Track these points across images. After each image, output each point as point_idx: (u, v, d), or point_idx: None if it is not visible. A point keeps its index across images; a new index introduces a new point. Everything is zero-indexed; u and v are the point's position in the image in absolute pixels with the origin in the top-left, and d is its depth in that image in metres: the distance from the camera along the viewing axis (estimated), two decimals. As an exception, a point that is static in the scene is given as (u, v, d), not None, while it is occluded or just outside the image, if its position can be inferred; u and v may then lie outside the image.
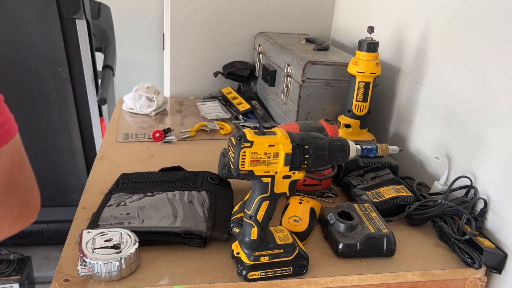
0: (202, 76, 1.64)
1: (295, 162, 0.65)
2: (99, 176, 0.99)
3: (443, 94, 1.01)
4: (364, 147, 0.86)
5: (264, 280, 0.70)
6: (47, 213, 2.20)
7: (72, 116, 2.04)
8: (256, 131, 0.65)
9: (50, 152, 2.10)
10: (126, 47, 2.74)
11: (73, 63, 1.93)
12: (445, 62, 1.00)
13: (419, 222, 0.87)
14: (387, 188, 0.91)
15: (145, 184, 0.91)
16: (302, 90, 1.17)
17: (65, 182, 2.21)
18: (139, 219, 0.78)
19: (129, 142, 1.20)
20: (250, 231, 0.68)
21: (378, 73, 1.07)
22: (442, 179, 0.96)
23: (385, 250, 0.77)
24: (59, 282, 0.66)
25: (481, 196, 0.88)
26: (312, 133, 0.68)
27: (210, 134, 1.29)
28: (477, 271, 0.77)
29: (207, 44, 1.60)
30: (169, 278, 0.69)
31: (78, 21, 1.83)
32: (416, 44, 1.11)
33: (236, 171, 0.64)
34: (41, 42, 1.87)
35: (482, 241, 0.80)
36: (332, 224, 0.79)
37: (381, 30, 1.25)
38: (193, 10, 1.54)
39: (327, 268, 0.74)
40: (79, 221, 0.82)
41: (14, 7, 1.78)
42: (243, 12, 1.58)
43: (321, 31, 1.67)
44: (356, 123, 1.12)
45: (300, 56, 1.19)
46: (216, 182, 0.93)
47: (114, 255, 0.66)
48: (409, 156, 1.14)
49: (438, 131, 1.03)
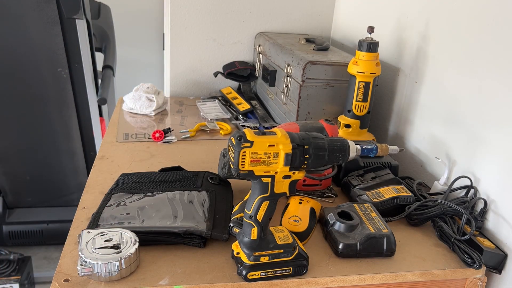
0: (202, 76, 1.64)
1: (295, 162, 0.65)
2: (99, 176, 0.99)
3: (443, 94, 1.01)
4: (364, 147, 0.86)
5: (264, 280, 0.70)
6: (47, 213, 2.20)
7: (72, 116, 2.04)
8: (256, 131, 0.65)
9: (50, 152, 2.10)
10: (126, 47, 2.75)
11: (73, 63, 1.93)
12: (445, 62, 1.00)
13: (419, 222, 0.87)
14: (387, 188, 0.91)
15: (145, 184, 0.91)
16: (302, 90, 1.17)
17: (65, 182, 2.21)
18: (139, 219, 0.78)
19: (129, 142, 1.20)
20: (250, 231, 0.68)
21: (378, 73, 1.07)
22: (442, 179, 0.96)
23: (385, 250, 0.77)
24: (59, 282, 0.66)
25: (481, 196, 0.88)
26: (312, 133, 0.68)
27: (210, 134, 1.29)
28: (477, 271, 0.77)
29: (207, 44, 1.60)
30: (169, 278, 0.69)
31: (78, 21, 1.83)
32: (416, 44, 1.11)
33: (236, 171, 0.64)
34: (41, 42, 1.87)
35: (482, 241, 0.80)
36: (332, 224, 0.79)
37: (381, 30, 1.25)
38: (193, 10, 1.54)
39: (327, 268, 0.74)
40: (79, 221, 0.82)
41: (14, 7, 1.79)
42: (243, 12, 1.58)
43: (321, 31, 1.67)
44: (356, 123, 1.12)
45: (300, 56, 1.19)
46: (216, 182, 0.93)
47: (114, 255, 0.66)
48: (409, 156, 1.14)
49: (438, 131, 1.03)
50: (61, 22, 1.84)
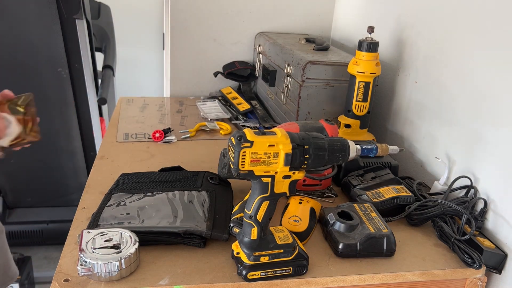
0: (202, 76, 1.64)
1: (295, 162, 0.65)
2: (99, 176, 0.99)
3: (443, 94, 1.01)
4: (364, 147, 0.86)
5: (264, 280, 0.70)
6: (47, 213, 2.20)
7: (72, 116, 2.04)
8: (256, 131, 0.65)
9: (50, 152, 2.10)
10: (126, 47, 2.75)
11: (73, 63, 1.93)
12: (445, 62, 1.00)
13: (419, 222, 0.87)
14: (387, 188, 0.91)
15: (145, 184, 0.91)
16: (302, 90, 1.17)
17: (65, 182, 2.21)
18: (139, 219, 0.78)
19: (129, 142, 1.20)
20: (250, 231, 0.68)
21: (378, 73, 1.07)
22: (442, 179, 0.96)
23: (385, 250, 0.77)
24: (59, 282, 0.66)
25: (481, 196, 0.88)
26: (312, 133, 0.68)
27: (210, 134, 1.29)
28: (477, 271, 0.77)
29: (207, 44, 1.60)
30: (169, 278, 0.69)
31: (78, 21, 1.83)
32: (416, 44, 1.11)
33: (236, 171, 0.64)
34: (41, 42, 1.87)
35: (482, 241, 0.80)
36: (332, 224, 0.79)
37: (381, 30, 1.25)
38: (193, 10, 1.54)
39: (327, 268, 0.74)
40: (79, 221, 0.82)
41: (14, 7, 1.78)
42: (243, 12, 1.58)
43: (321, 31, 1.67)
44: (356, 123, 1.12)
45: (300, 56, 1.19)
46: (216, 182, 0.93)
47: (114, 255, 0.66)
48: (409, 156, 1.14)
49: (438, 131, 1.03)
50: (61, 22, 1.83)
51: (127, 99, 1.56)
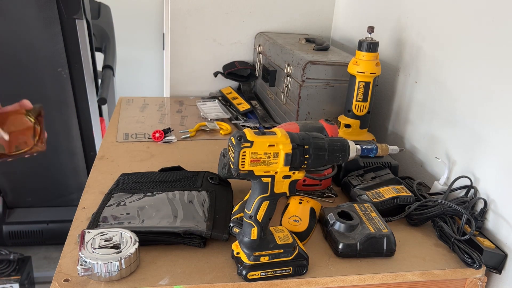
0: (202, 76, 1.64)
1: (295, 162, 0.65)
2: (99, 176, 0.99)
3: (443, 94, 1.01)
4: (364, 147, 0.86)
5: (264, 280, 0.70)
6: (47, 213, 2.20)
7: (72, 116, 2.03)
8: (256, 131, 0.65)
9: (50, 152, 2.10)
10: (126, 47, 2.74)
11: (73, 63, 1.92)
12: (445, 62, 1.00)
13: (419, 222, 0.87)
14: (387, 188, 0.91)
15: (145, 184, 0.91)
16: (302, 90, 1.17)
17: (65, 182, 2.21)
18: (139, 219, 0.78)
19: (129, 142, 1.20)
20: (250, 231, 0.68)
21: (378, 73, 1.07)
22: (442, 179, 0.96)
23: (385, 250, 0.77)
24: (59, 282, 0.66)
25: (481, 196, 0.88)
26: (312, 133, 0.68)
27: (210, 134, 1.29)
28: (477, 271, 0.77)
29: (207, 44, 1.60)
30: (169, 278, 0.69)
31: (78, 21, 1.83)
32: (416, 44, 1.11)
33: (236, 171, 0.64)
34: (41, 42, 1.86)
35: (482, 241, 0.80)
36: (332, 224, 0.79)
37: (381, 30, 1.25)
38: (193, 10, 1.54)
39: (327, 268, 0.74)
40: (79, 221, 0.82)
41: (14, 7, 1.78)
42: (243, 12, 1.58)
43: (321, 31, 1.67)
44: (356, 123, 1.12)
45: (300, 56, 1.19)
46: (216, 182, 0.93)
47: (114, 255, 0.66)
48: (409, 156, 1.14)
49: (438, 131, 1.03)
50: (61, 22, 1.83)
51: (127, 99, 1.57)
